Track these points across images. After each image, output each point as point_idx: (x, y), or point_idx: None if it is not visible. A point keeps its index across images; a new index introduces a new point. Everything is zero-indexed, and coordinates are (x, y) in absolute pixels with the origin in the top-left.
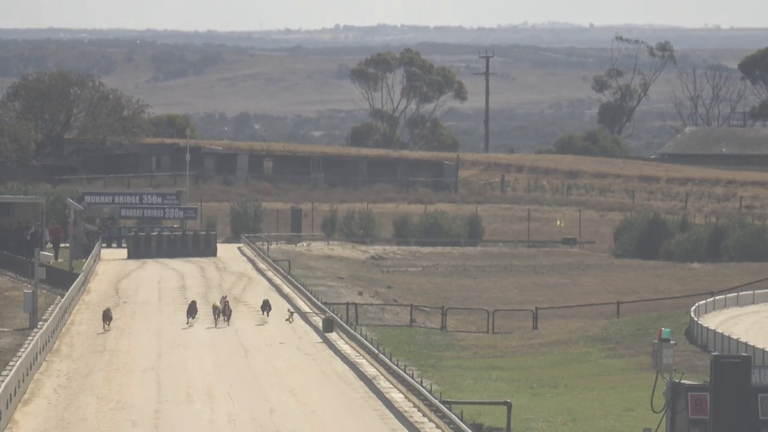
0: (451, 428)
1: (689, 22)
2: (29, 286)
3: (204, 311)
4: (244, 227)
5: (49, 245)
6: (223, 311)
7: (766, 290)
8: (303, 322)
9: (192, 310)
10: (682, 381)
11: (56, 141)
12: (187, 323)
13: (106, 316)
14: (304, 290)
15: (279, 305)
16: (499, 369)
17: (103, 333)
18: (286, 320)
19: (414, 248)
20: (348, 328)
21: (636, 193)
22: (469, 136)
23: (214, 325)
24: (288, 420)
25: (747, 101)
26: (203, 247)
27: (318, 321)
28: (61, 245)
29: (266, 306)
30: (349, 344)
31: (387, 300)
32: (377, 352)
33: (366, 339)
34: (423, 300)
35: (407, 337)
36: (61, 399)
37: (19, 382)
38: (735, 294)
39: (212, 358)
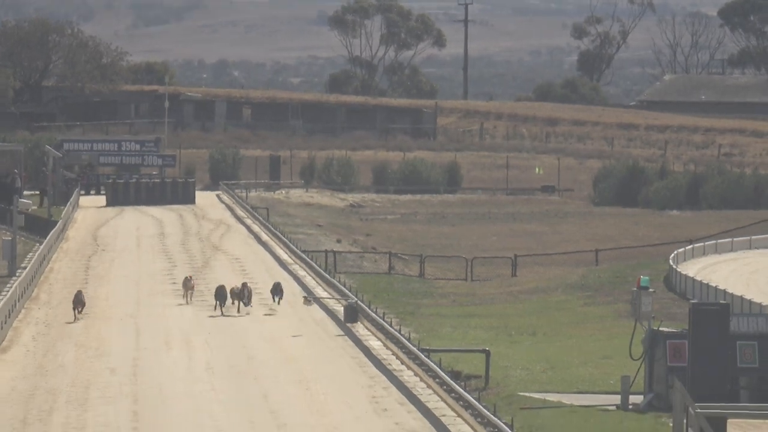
0: (429, 376)
1: None
2: (8, 233)
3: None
4: (222, 174)
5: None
6: (240, 295)
7: (744, 238)
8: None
9: (221, 295)
10: (660, 329)
11: (35, 88)
12: (215, 309)
13: (78, 301)
14: (283, 238)
15: (257, 252)
16: (477, 317)
17: (74, 320)
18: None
19: (393, 196)
20: (326, 275)
21: (615, 140)
22: (448, 83)
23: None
24: (266, 367)
25: (726, 49)
26: (182, 195)
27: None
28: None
29: (277, 290)
30: (327, 291)
31: (365, 248)
32: (356, 299)
33: (344, 286)
34: (401, 248)
35: (386, 285)
36: (39, 346)
37: None
38: (713, 242)
39: (191, 309)
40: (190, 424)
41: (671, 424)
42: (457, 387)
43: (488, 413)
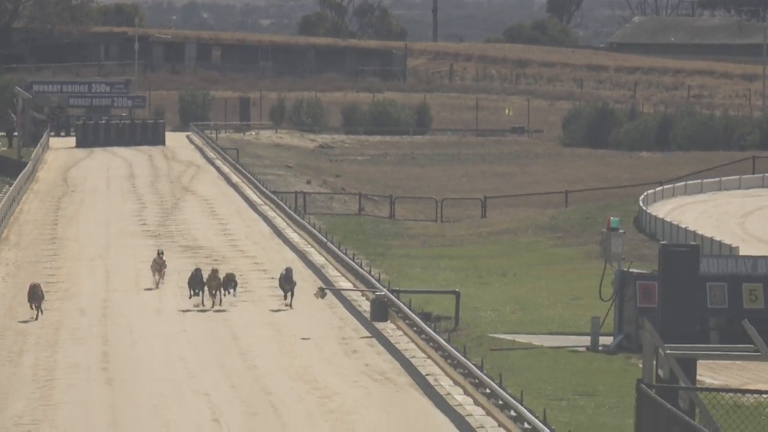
0: (400, 317)
1: None
2: None
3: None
4: (192, 116)
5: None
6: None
7: (714, 179)
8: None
9: (196, 283)
10: (630, 270)
11: (4, 30)
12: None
13: (34, 296)
14: (253, 179)
15: (227, 194)
16: (447, 258)
17: (34, 318)
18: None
19: (362, 137)
20: (296, 216)
21: (584, 82)
22: (418, 25)
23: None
24: (236, 309)
25: None
26: (151, 136)
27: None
28: None
29: (288, 280)
30: (297, 233)
31: (335, 189)
32: (325, 240)
33: (314, 228)
34: (371, 189)
35: (355, 226)
36: (9, 287)
37: None
38: (683, 183)
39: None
40: (160, 365)
41: (641, 365)
42: (427, 328)
43: (458, 354)
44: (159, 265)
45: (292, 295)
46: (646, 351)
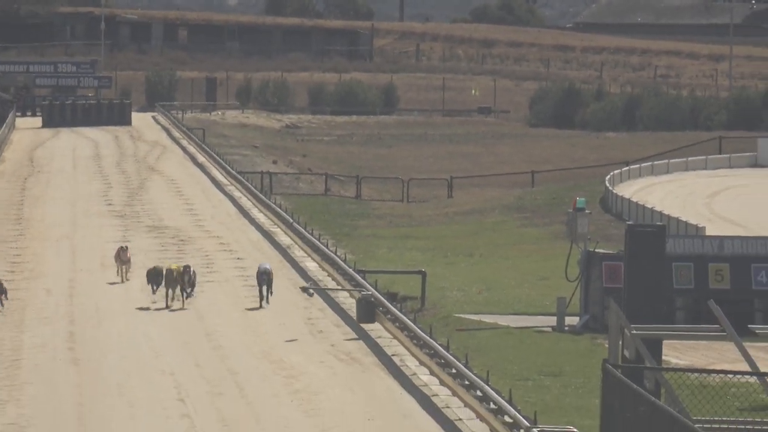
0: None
1: None
2: None
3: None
4: (158, 96)
5: None
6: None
7: (680, 159)
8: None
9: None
10: (596, 250)
11: None
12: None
13: None
14: (219, 159)
15: (193, 174)
16: (413, 238)
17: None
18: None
19: (329, 117)
20: (262, 196)
21: (551, 62)
22: (383, 4)
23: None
24: (202, 290)
25: None
26: (117, 116)
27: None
28: None
29: (265, 277)
30: (263, 213)
31: (302, 169)
32: (291, 221)
33: (280, 208)
34: (338, 169)
35: (322, 206)
36: None
37: None
38: (650, 163)
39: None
40: (126, 344)
41: (607, 346)
42: (393, 308)
43: (424, 335)
44: (123, 262)
45: (269, 292)
46: (612, 331)
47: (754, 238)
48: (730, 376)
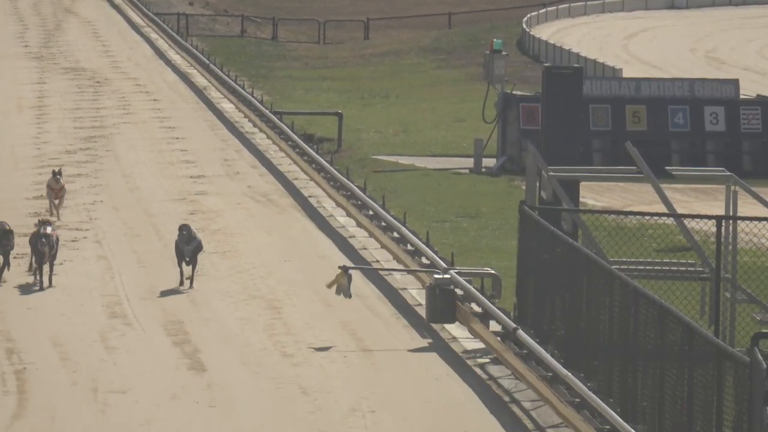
0: (282, 138)
1: None
2: None
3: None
4: None
5: None
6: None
7: (597, 1)
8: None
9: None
10: (513, 92)
11: None
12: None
13: None
14: (135, 0)
15: (109, 16)
16: (330, 80)
17: None
18: None
19: None
20: (179, 38)
21: None
22: None
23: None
24: (118, 130)
25: None
26: None
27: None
28: None
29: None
30: (180, 54)
31: (218, 10)
32: (208, 62)
33: (197, 50)
34: (254, 10)
35: (238, 48)
36: None
37: None
38: (567, 5)
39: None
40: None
41: (524, 187)
42: (309, 150)
43: (340, 176)
44: (55, 191)
45: (193, 267)
46: (529, 173)
47: (671, 79)
48: (647, 217)
